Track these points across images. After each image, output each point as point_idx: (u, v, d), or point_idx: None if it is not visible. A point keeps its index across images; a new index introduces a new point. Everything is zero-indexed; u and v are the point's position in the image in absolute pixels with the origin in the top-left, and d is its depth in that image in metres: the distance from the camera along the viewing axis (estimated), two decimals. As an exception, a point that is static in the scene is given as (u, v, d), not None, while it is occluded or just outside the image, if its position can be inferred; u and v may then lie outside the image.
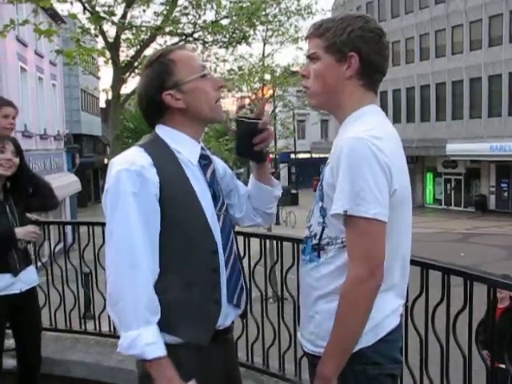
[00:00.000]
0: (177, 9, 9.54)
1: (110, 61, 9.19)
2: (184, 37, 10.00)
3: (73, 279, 4.46)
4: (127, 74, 9.44)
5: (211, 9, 9.96)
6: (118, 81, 9.27)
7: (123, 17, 8.97)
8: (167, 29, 9.44)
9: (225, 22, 10.23)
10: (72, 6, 8.83)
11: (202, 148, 2.01)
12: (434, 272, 2.67)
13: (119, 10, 9.00)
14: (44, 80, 23.98)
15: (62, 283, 4.44)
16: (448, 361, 2.75)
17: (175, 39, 9.98)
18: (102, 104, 42.11)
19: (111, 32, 9.40)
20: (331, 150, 1.81)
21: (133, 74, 9.38)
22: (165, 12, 9.42)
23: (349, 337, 1.74)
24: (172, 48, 2.01)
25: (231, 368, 2.13)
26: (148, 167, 1.81)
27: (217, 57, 13.74)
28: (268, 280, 3.74)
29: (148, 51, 9.61)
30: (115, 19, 8.86)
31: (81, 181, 28.34)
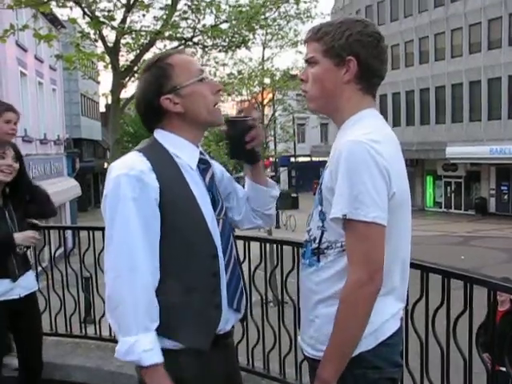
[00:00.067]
0: (176, 13, 9.55)
1: (110, 65, 9.18)
2: (183, 41, 10.00)
3: (73, 284, 4.45)
4: (127, 79, 9.44)
5: (210, 13, 9.96)
6: (118, 85, 9.26)
7: (123, 21, 8.97)
8: (167, 33, 9.44)
9: (224, 27, 10.24)
10: (72, 11, 8.90)
11: (201, 152, 2.00)
12: (434, 275, 2.67)
13: (119, 15, 9.01)
14: (44, 85, 23.99)
15: (63, 288, 4.43)
16: (448, 364, 2.75)
17: (175, 43, 9.98)
18: (102, 108, 42.16)
19: (111, 37, 9.42)
20: (330, 154, 1.81)
21: (132, 79, 9.38)
22: (164, 16, 9.42)
23: (348, 341, 1.74)
24: (170, 52, 2.01)
25: (232, 372, 2.12)
26: (147, 172, 1.80)
27: (216, 61, 13.76)
28: (268, 284, 3.74)
29: (148, 56, 9.61)
30: (115, 24, 8.86)
31: (81, 185, 28.33)
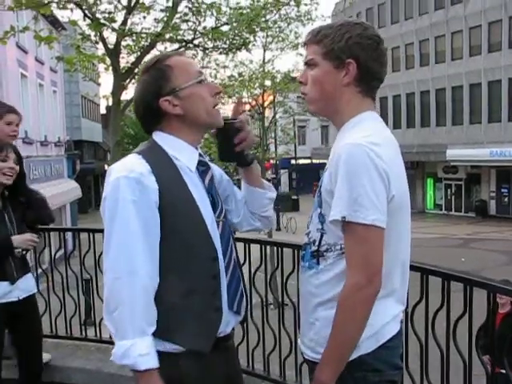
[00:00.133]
0: (177, 15, 9.55)
1: (111, 67, 9.20)
2: (184, 43, 10.00)
3: (73, 286, 4.45)
4: (127, 81, 9.45)
5: (211, 15, 9.96)
6: (119, 87, 9.27)
7: (123, 23, 8.97)
8: (167, 35, 9.45)
9: (225, 29, 10.24)
10: (72, 13, 8.88)
11: (200, 154, 1.99)
12: (434, 277, 2.67)
13: (119, 17, 9.01)
14: (44, 86, 24.01)
15: (63, 290, 4.43)
16: (448, 366, 2.75)
17: (175, 46, 9.97)
18: (103, 110, 42.20)
19: (111, 38, 9.40)
20: (329, 157, 1.81)
21: (133, 81, 9.37)
22: (165, 19, 9.43)
23: (346, 343, 1.74)
24: (169, 54, 2.00)
25: (234, 375, 2.11)
26: (147, 174, 1.80)
27: (217, 63, 13.80)
28: (268, 286, 3.74)
29: (148, 58, 9.59)
30: (115, 26, 8.86)
31: (81, 187, 28.34)
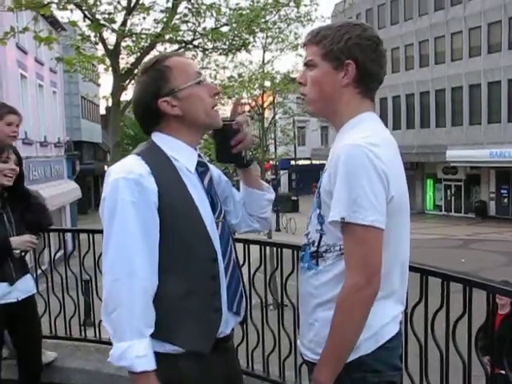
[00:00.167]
0: (177, 16, 9.53)
1: (110, 68, 9.18)
2: (184, 44, 9.98)
3: (73, 286, 4.45)
4: (127, 81, 9.44)
5: (211, 16, 9.93)
6: (118, 88, 9.26)
7: (123, 24, 8.95)
8: (167, 36, 9.43)
9: (225, 30, 10.21)
10: (72, 14, 8.85)
11: (199, 155, 1.99)
12: (434, 278, 2.67)
13: (119, 18, 8.98)
14: (44, 87, 24.02)
15: (62, 290, 4.43)
16: (448, 367, 2.75)
17: (175, 46, 9.95)
18: (102, 111, 42.14)
19: (111, 39, 9.36)
20: (329, 157, 1.81)
21: (133, 81, 9.35)
22: (165, 19, 9.41)
23: (344, 344, 1.74)
24: (168, 54, 2.00)
25: (233, 376, 2.11)
26: (146, 175, 1.79)
27: (217, 64, 13.77)
28: (268, 287, 3.74)
29: (148, 58, 9.55)
30: (115, 26, 8.84)
31: (81, 188, 28.33)
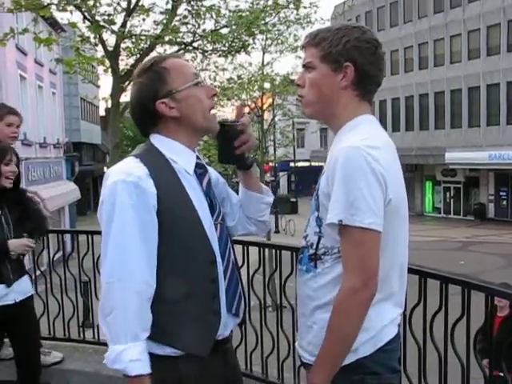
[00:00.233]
0: (176, 18, 9.52)
1: (110, 69, 9.17)
2: (183, 46, 9.97)
3: (72, 288, 4.45)
4: (127, 83, 9.41)
5: (210, 18, 9.93)
6: (118, 89, 9.24)
7: (123, 26, 8.94)
8: (167, 38, 9.42)
9: (224, 31, 10.20)
10: (72, 15, 8.83)
11: (197, 157, 1.98)
12: (433, 280, 2.67)
13: (119, 19, 8.97)
14: (44, 88, 24.02)
15: (61, 292, 4.43)
16: (446, 369, 2.75)
17: (175, 48, 9.94)
18: (102, 112, 42.07)
19: (111, 41, 9.34)
20: (327, 160, 1.81)
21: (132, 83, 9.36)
22: (164, 21, 9.41)
23: (341, 346, 1.74)
24: (165, 56, 1.99)
25: (233, 377, 2.10)
26: (145, 178, 1.78)
27: (216, 65, 13.79)
28: (267, 288, 3.74)
29: (146, 60, 9.53)
30: (115, 28, 8.83)
31: (80, 189, 28.29)
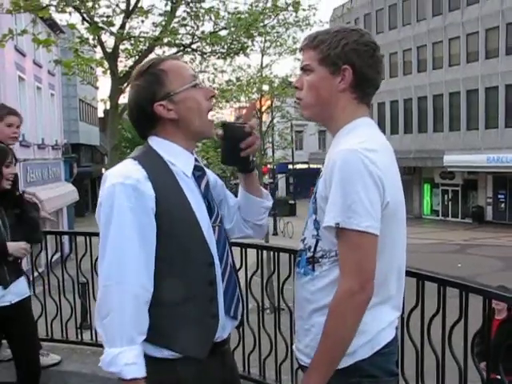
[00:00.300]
0: (175, 20, 9.53)
1: (109, 71, 9.17)
2: (182, 47, 9.98)
3: (69, 289, 4.44)
4: (125, 84, 9.40)
5: (209, 20, 9.93)
6: (117, 91, 9.24)
7: (122, 27, 8.95)
8: (165, 39, 9.42)
9: (223, 33, 10.20)
10: (71, 17, 8.84)
11: (196, 159, 1.98)
12: (430, 283, 2.67)
13: (118, 21, 8.98)
14: (42, 90, 24.00)
15: (59, 293, 4.43)
16: (444, 372, 2.75)
17: (173, 50, 9.95)
18: (100, 114, 42.14)
19: (110, 42, 9.35)
20: (324, 163, 1.81)
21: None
22: (163, 23, 9.41)
23: (336, 349, 1.73)
24: (163, 58, 1.98)
25: (231, 379, 2.10)
26: (143, 181, 1.78)
27: (215, 67, 13.78)
28: (265, 291, 3.74)
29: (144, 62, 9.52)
30: (114, 29, 8.84)
31: (78, 190, 28.26)
